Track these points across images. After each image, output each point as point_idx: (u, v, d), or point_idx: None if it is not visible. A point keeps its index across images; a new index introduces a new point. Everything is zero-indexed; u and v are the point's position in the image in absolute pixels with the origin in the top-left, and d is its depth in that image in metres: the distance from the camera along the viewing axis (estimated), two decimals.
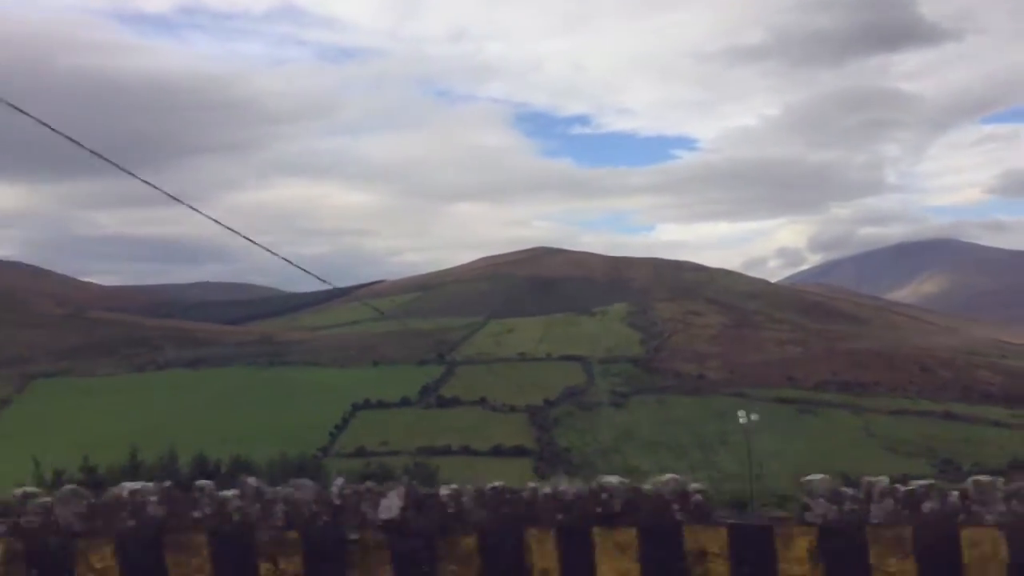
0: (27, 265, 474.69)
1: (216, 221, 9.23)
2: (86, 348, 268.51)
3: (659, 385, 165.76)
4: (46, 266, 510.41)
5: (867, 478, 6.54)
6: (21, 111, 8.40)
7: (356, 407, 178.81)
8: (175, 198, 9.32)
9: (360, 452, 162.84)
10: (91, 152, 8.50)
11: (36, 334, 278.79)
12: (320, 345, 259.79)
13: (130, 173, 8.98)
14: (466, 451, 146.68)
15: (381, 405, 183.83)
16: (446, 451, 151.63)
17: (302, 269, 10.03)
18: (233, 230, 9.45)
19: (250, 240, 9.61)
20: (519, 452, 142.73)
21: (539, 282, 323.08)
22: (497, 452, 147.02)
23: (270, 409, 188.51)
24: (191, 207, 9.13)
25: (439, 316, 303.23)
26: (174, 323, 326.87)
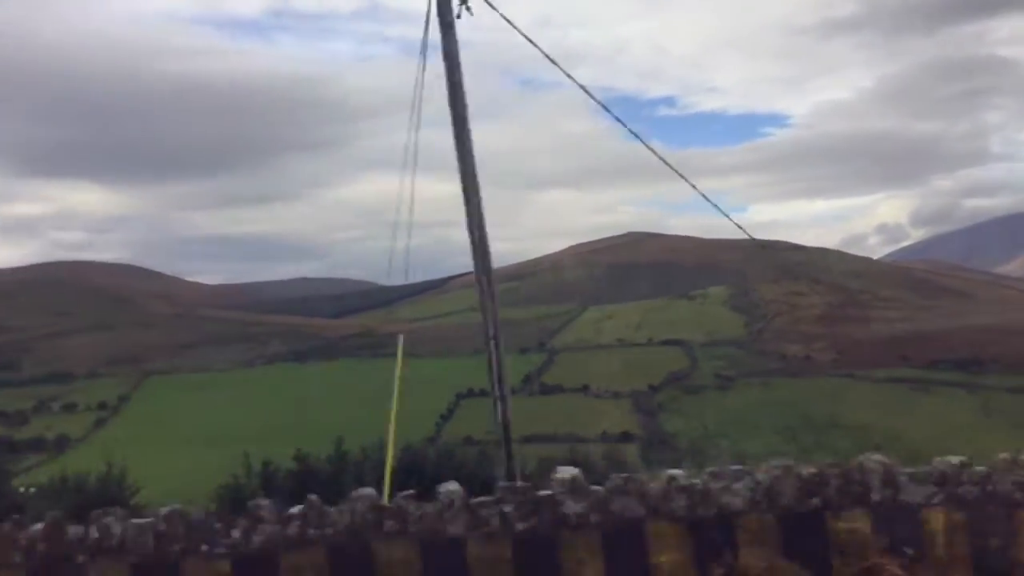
0: (138, 267, 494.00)
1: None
2: (197, 345, 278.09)
3: (765, 368, 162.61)
4: (153, 268, 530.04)
5: None
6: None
7: (460, 396, 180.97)
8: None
9: (468, 441, 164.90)
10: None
11: (149, 333, 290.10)
12: (419, 336, 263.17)
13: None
14: (572, 438, 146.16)
15: (484, 394, 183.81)
16: (551, 438, 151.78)
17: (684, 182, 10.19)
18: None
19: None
20: (625, 438, 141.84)
21: (633, 268, 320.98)
22: (604, 438, 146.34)
23: (376, 400, 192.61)
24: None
25: (535, 304, 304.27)
26: (279, 319, 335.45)
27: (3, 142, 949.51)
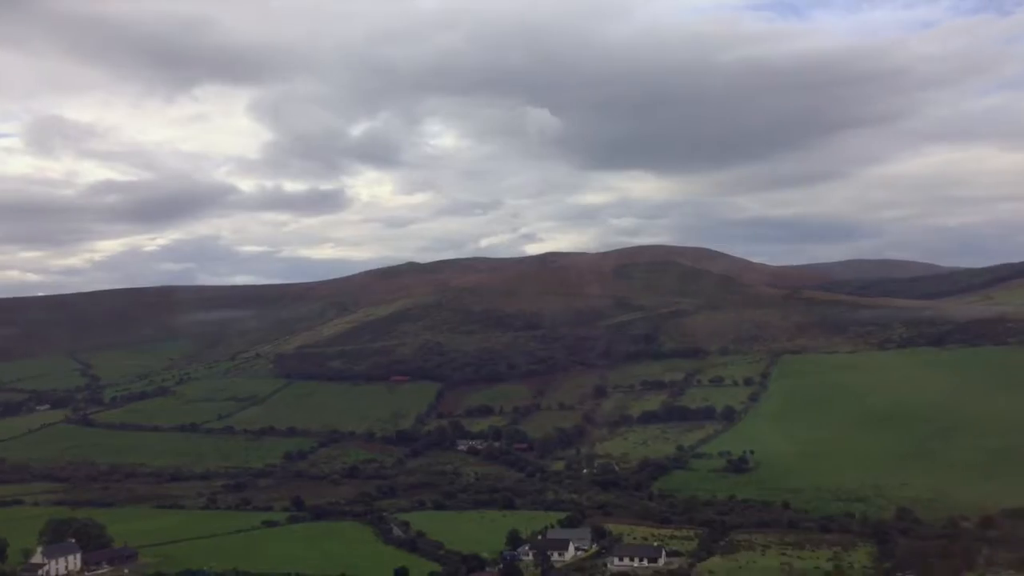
0: (705, 249, 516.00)
1: None
2: (810, 326, 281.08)
3: None
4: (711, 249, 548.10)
5: None
6: None
7: None
8: None
9: None
10: None
11: (760, 313, 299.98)
12: None
13: None
14: None
15: None
16: None
17: None
18: None
19: None
20: None
21: None
22: None
23: None
24: None
25: None
26: (881, 301, 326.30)
27: (575, 138, 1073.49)
